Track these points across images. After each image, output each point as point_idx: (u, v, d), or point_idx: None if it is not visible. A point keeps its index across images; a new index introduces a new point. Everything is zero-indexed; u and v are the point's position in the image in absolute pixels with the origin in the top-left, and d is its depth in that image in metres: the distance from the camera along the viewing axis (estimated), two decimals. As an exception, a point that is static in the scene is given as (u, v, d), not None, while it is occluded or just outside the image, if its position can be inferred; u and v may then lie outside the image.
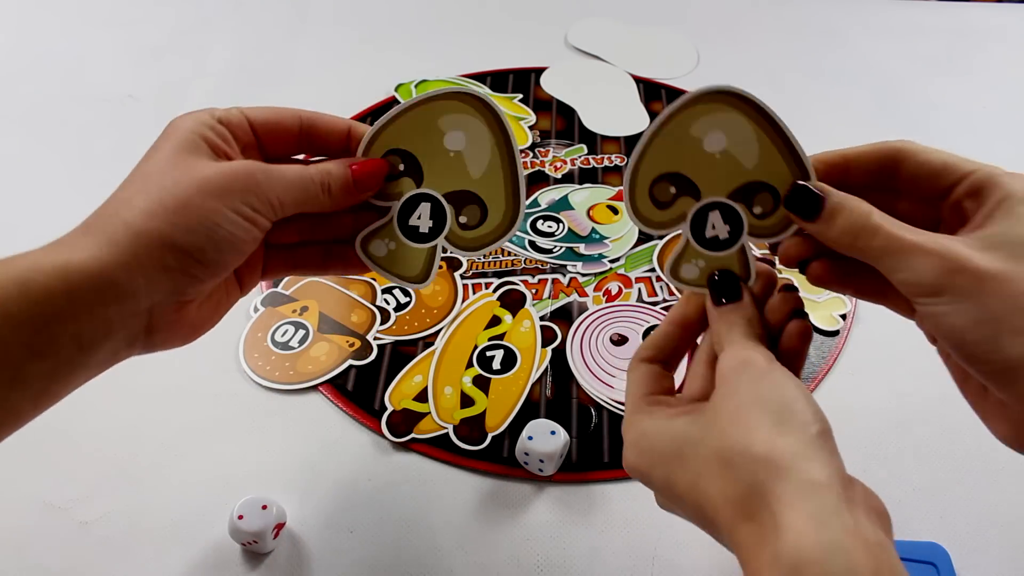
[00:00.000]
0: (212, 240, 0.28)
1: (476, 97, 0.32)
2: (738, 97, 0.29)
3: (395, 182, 0.33)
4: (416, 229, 0.33)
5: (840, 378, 0.47)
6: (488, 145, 0.32)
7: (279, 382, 0.45)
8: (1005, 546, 0.39)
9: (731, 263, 0.31)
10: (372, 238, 0.33)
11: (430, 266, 0.33)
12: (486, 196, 0.33)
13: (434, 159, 0.33)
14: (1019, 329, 0.25)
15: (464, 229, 0.33)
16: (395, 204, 0.33)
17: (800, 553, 0.22)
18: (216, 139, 0.30)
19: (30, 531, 0.38)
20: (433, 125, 0.32)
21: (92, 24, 0.74)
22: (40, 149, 0.61)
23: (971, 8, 0.83)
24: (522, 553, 0.38)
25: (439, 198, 0.33)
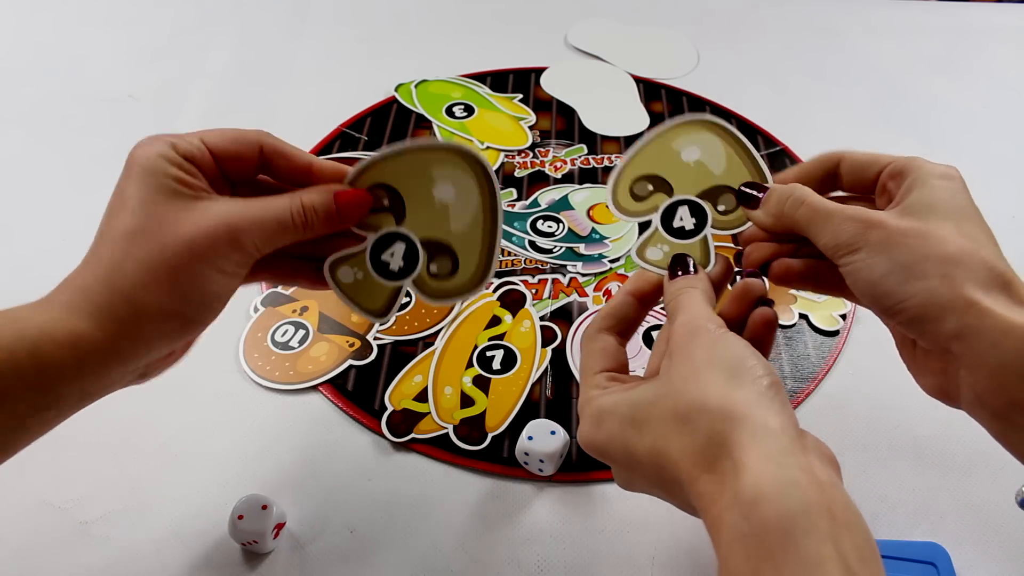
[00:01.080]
0: (203, 302, 0.30)
1: (476, 159, 0.32)
2: (716, 125, 0.34)
3: (376, 215, 0.33)
4: (387, 265, 0.33)
5: (840, 378, 0.47)
6: (475, 205, 0.33)
7: (279, 382, 0.45)
8: (1005, 546, 0.39)
9: (694, 251, 0.35)
10: (342, 263, 0.33)
11: (392, 303, 0.34)
12: (461, 252, 0.34)
13: (420, 204, 0.33)
14: (925, 274, 0.28)
15: (432, 277, 0.34)
16: (371, 236, 0.33)
17: (758, 489, 0.23)
18: (186, 176, 0.30)
19: (30, 531, 0.38)
20: (427, 172, 0.33)
21: (92, 24, 0.74)
22: (41, 148, 0.61)
23: (971, 8, 0.83)
24: (522, 553, 0.38)
25: (415, 241, 0.33)
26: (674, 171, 0.35)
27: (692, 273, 0.33)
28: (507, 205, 0.57)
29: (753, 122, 0.65)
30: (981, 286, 0.28)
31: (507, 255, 0.53)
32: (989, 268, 0.28)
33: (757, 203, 0.33)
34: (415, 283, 0.34)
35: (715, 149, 0.35)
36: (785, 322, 0.49)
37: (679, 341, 0.28)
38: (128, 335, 0.28)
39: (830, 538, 0.22)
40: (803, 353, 0.48)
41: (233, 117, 0.64)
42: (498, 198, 0.33)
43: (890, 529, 0.40)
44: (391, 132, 0.63)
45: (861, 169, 0.33)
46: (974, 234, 0.30)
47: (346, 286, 0.34)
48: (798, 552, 0.22)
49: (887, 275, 0.29)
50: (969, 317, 0.27)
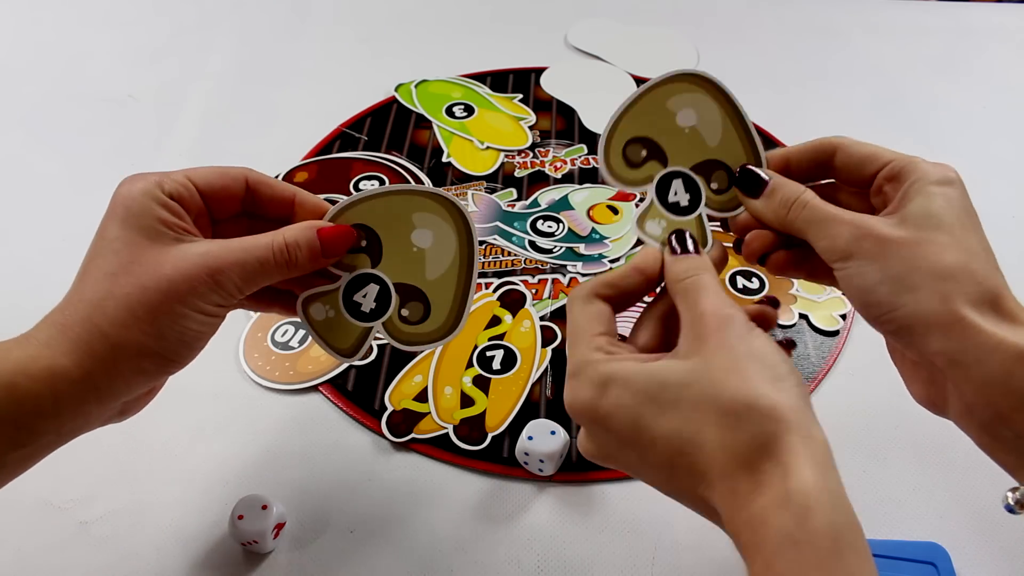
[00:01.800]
0: (183, 341, 0.30)
1: (458, 209, 0.33)
2: (712, 84, 0.34)
3: (352, 255, 0.33)
4: (358, 306, 0.34)
5: (840, 378, 0.47)
6: (452, 254, 0.33)
7: (279, 382, 0.45)
8: (1005, 546, 0.39)
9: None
10: (315, 300, 0.34)
11: (361, 344, 0.34)
12: (434, 299, 0.34)
13: (397, 247, 0.33)
14: (915, 287, 0.28)
15: (403, 322, 0.34)
16: (346, 276, 0.33)
17: (809, 496, 0.23)
18: (170, 217, 0.30)
19: (30, 531, 0.38)
20: (407, 216, 0.33)
21: (92, 25, 0.74)
22: (41, 148, 0.61)
23: (971, 8, 0.83)
24: (522, 553, 0.38)
25: (389, 285, 0.34)
26: (669, 137, 0.34)
27: (695, 253, 0.32)
28: (507, 205, 0.57)
29: (753, 122, 0.65)
30: (970, 302, 0.28)
31: (507, 255, 0.53)
32: (980, 283, 0.28)
33: (758, 193, 0.33)
34: (385, 326, 0.34)
35: (712, 116, 0.34)
36: (785, 322, 0.49)
37: (712, 326, 0.28)
38: (106, 372, 0.29)
39: (868, 558, 0.23)
40: (803, 353, 0.48)
41: (233, 117, 0.64)
42: (475, 249, 0.34)
43: (890, 529, 0.40)
44: (391, 132, 0.63)
45: (857, 165, 0.33)
46: (969, 245, 0.29)
47: (318, 323, 0.34)
48: (845, 566, 0.22)
49: (878, 284, 0.29)
50: (955, 333, 0.27)
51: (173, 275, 0.29)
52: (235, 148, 0.61)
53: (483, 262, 0.53)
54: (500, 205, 0.57)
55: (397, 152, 0.61)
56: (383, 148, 0.62)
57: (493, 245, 0.54)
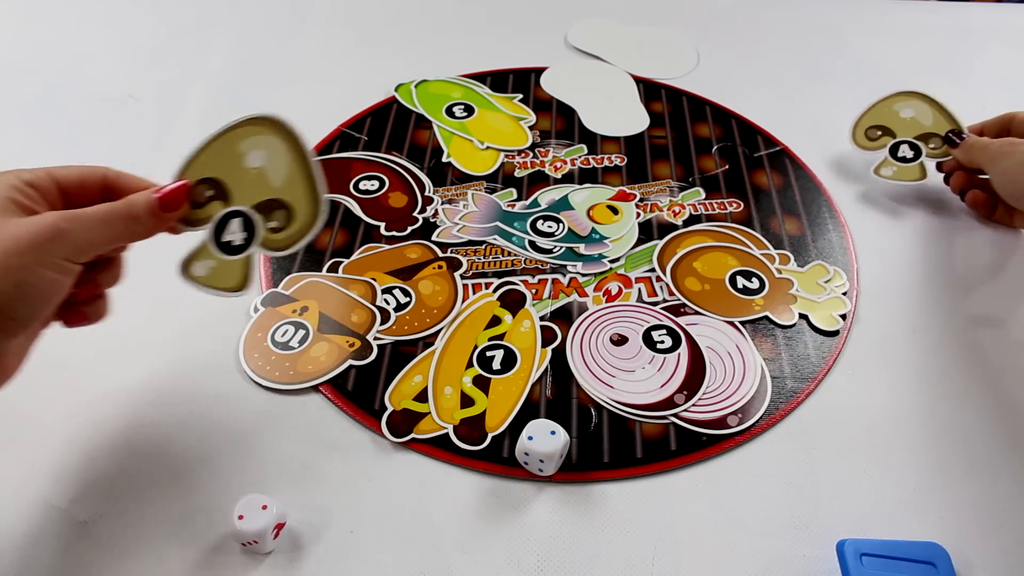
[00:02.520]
0: (23, 296, 0.31)
1: (267, 118, 0.36)
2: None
3: (204, 208, 0.36)
4: (230, 243, 0.36)
5: (840, 378, 0.47)
6: (285, 156, 0.36)
7: (279, 382, 0.45)
8: (1005, 546, 0.39)
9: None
10: (192, 261, 0.37)
11: (247, 274, 0.37)
12: (290, 199, 0.37)
13: (239, 179, 0.36)
14: None
15: (275, 232, 0.37)
16: (209, 226, 0.36)
17: None
18: (24, 200, 0.33)
19: (29, 531, 0.38)
20: (233, 150, 0.36)
21: (92, 24, 0.74)
22: (41, 148, 0.61)
23: (971, 8, 0.83)
24: (522, 553, 0.38)
25: (247, 211, 0.36)
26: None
27: None
28: (507, 205, 0.57)
29: (753, 122, 0.65)
30: None
31: (507, 255, 0.53)
32: None
33: (956, 145, 0.56)
34: (263, 245, 0.37)
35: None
36: (785, 322, 0.49)
37: None
38: None
39: None
40: (803, 353, 0.48)
41: (232, 117, 0.64)
42: (301, 141, 0.36)
43: (890, 529, 0.40)
44: (391, 132, 0.63)
45: None
46: None
47: (202, 278, 0.37)
48: None
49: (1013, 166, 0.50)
50: None
51: (17, 232, 0.31)
52: (235, 148, 0.61)
53: (483, 262, 0.53)
54: (500, 205, 0.57)
55: (397, 152, 0.61)
56: (383, 148, 0.62)
57: (493, 245, 0.54)
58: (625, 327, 0.49)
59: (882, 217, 0.58)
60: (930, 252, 0.55)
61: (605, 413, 0.44)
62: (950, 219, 0.58)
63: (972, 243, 0.56)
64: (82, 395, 0.44)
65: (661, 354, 0.47)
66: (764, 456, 0.43)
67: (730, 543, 0.39)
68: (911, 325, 0.50)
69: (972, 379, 0.47)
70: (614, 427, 0.44)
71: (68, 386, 0.45)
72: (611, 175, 0.60)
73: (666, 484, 0.41)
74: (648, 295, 0.51)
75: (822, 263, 0.53)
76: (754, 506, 0.41)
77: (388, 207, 0.56)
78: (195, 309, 0.49)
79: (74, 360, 0.46)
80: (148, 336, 0.47)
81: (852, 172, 0.61)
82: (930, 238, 0.56)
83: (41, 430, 0.43)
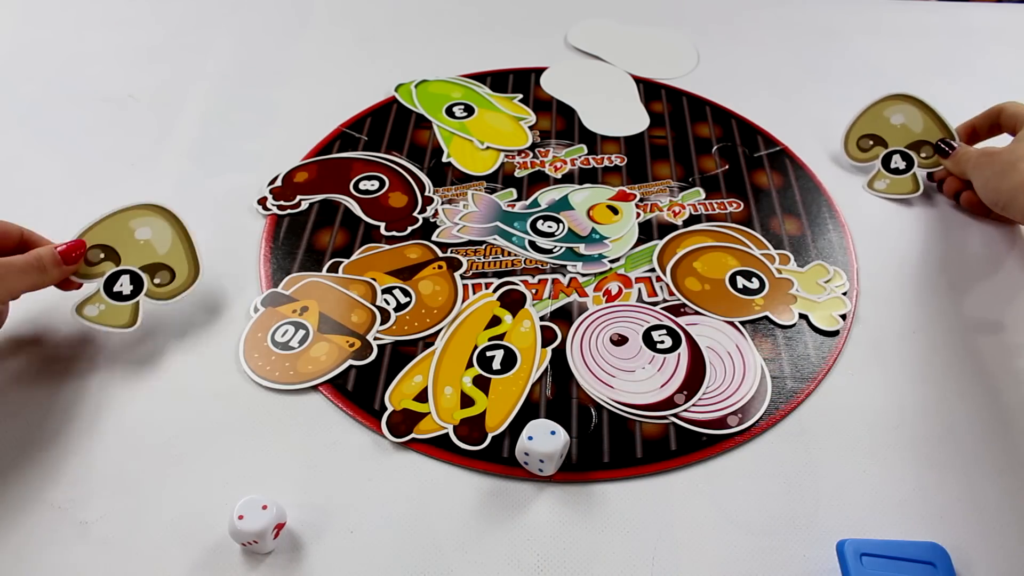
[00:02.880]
0: None
1: (151, 205, 0.48)
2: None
3: (97, 266, 0.46)
4: (120, 293, 0.46)
5: (840, 378, 0.47)
6: (168, 232, 0.48)
7: (279, 382, 0.45)
8: (1005, 546, 0.39)
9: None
10: (84, 304, 0.45)
11: (135, 316, 0.46)
12: (172, 263, 0.47)
13: (129, 246, 0.47)
14: (1008, 171, 0.51)
15: (159, 287, 0.46)
16: (100, 279, 0.46)
17: None
18: None
19: (30, 531, 0.38)
20: (124, 225, 0.47)
21: (92, 24, 0.74)
22: (41, 148, 0.61)
23: (972, 8, 0.83)
24: (522, 553, 0.38)
25: (136, 270, 0.46)
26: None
27: None
28: (507, 205, 0.57)
29: (753, 122, 0.65)
30: None
31: (507, 255, 0.53)
32: None
33: (947, 155, 0.57)
34: (148, 295, 0.46)
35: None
36: (785, 322, 0.49)
37: None
38: None
39: None
40: (803, 353, 0.48)
41: (232, 117, 0.64)
42: (180, 219, 0.48)
43: (890, 529, 0.40)
44: (391, 132, 0.63)
45: (1011, 119, 0.54)
46: None
47: (93, 318, 0.45)
48: None
49: (991, 177, 0.52)
50: None
51: None
52: (235, 148, 0.61)
53: (483, 262, 0.53)
54: (500, 205, 0.57)
55: (397, 152, 0.61)
56: (383, 148, 0.62)
57: (493, 245, 0.54)
58: (625, 327, 0.49)
59: (882, 217, 0.58)
60: (930, 252, 0.55)
61: (605, 413, 0.44)
62: (950, 219, 0.58)
63: (972, 243, 0.56)
64: (82, 395, 0.44)
65: (661, 354, 0.47)
66: (764, 456, 0.43)
67: (730, 543, 0.39)
68: (911, 325, 0.50)
69: (972, 379, 0.47)
70: (614, 427, 0.44)
71: (68, 386, 0.45)
72: (611, 175, 0.60)
73: (666, 484, 0.41)
74: (648, 295, 0.51)
75: (822, 263, 0.53)
76: (754, 506, 0.41)
77: (388, 207, 0.56)
78: (195, 311, 0.49)
79: (74, 361, 0.46)
80: (148, 337, 0.47)
81: (852, 172, 0.61)
82: (930, 238, 0.56)
83: (41, 430, 0.43)
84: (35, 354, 0.46)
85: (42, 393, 0.44)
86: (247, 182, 0.58)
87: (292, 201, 0.56)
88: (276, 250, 0.53)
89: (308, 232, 0.54)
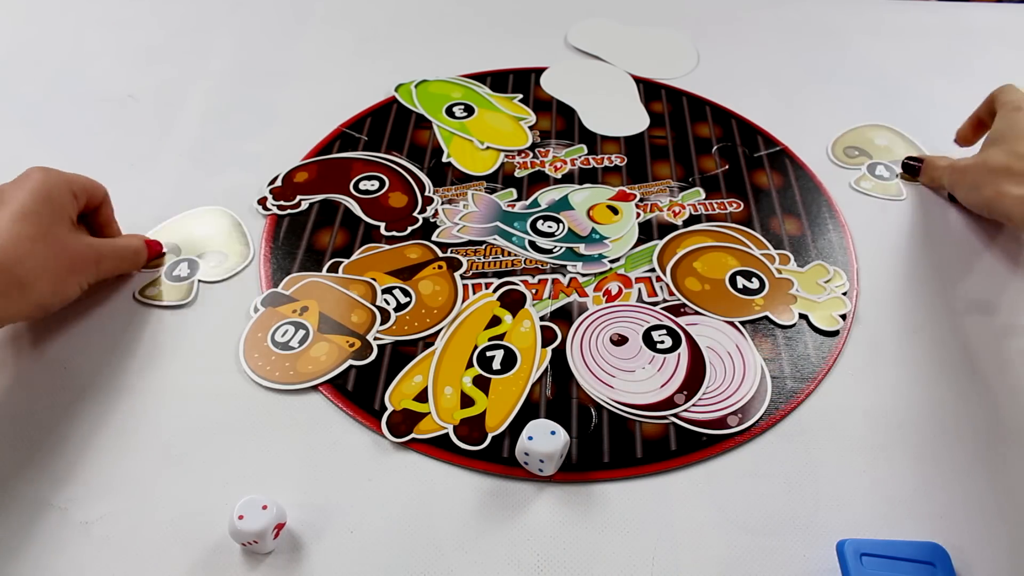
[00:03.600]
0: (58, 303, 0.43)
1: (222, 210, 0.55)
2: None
3: (162, 257, 0.52)
4: (180, 276, 0.51)
5: (840, 378, 0.47)
6: (225, 224, 0.55)
7: (279, 382, 0.45)
8: (1005, 546, 0.39)
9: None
10: (146, 288, 0.50)
11: (191, 292, 0.50)
12: (226, 249, 0.53)
13: (189, 240, 0.53)
14: (980, 184, 0.52)
15: (213, 268, 0.51)
16: (162, 268, 0.51)
17: None
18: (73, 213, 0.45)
19: (29, 531, 0.39)
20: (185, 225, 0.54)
21: (92, 24, 0.74)
22: (41, 148, 0.61)
23: (972, 8, 0.83)
24: (522, 553, 0.38)
25: (195, 258, 0.52)
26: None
27: None
28: (507, 205, 0.57)
29: (753, 122, 0.65)
30: (1014, 183, 0.49)
31: (507, 255, 0.53)
32: (1017, 172, 0.49)
33: (917, 173, 0.60)
34: (200, 280, 0.51)
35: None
36: (785, 322, 0.49)
37: None
38: None
39: None
40: (803, 353, 0.48)
41: (233, 117, 0.64)
42: (236, 218, 0.55)
43: (890, 529, 0.40)
44: (391, 132, 0.63)
45: (999, 106, 0.54)
46: (1015, 149, 0.50)
47: (153, 295, 0.49)
48: None
49: (968, 192, 0.54)
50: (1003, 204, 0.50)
51: (74, 255, 0.43)
52: (235, 148, 0.61)
53: (483, 262, 0.53)
54: (500, 205, 0.57)
55: (397, 152, 0.61)
56: (383, 148, 0.62)
57: (493, 245, 0.54)
58: (625, 327, 0.49)
59: (882, 217, 0.58)
60: (930, 252, 0.55)
61: (605, 413, 0.44)
62: (950, 220, 0.58)
63: (972, 243, 0.56)
64: (82, 395, 0.44)
65: (661, 354, 0.47)
66: (764, 456, 0.43)
67: (730, 543, 0.39)
68: (911, 325, 0.50)
69: (972, 379, 0.47)
70: (614, 427, 0.44)
71: (68, 386, 0.45)
72: (611, 175, 0.60)
73: (666, 484, 0.41)
74: (648, 295, 0.51)
75: (822, 263, 0.53)
76: (754, 506, 0.41)
77: (388, 207, 0.56)
78: (195, 310, 0.49)
79: (74, 360, 0.46)
80: (148, 338, 0.47)
81: (852, 172, 0.61)
82: (930, 238, 0.56)
83: (41, 430, 0.43)
84: (35, 355, 0.46)
85: (43, 393, 0.44)
86: (247, 182, 0.58)
87: (292, 201, 0.56)
88: (276, 250, 0.53)
89: (308, 232, 0.54)
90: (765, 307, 0.50)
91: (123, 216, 0.50)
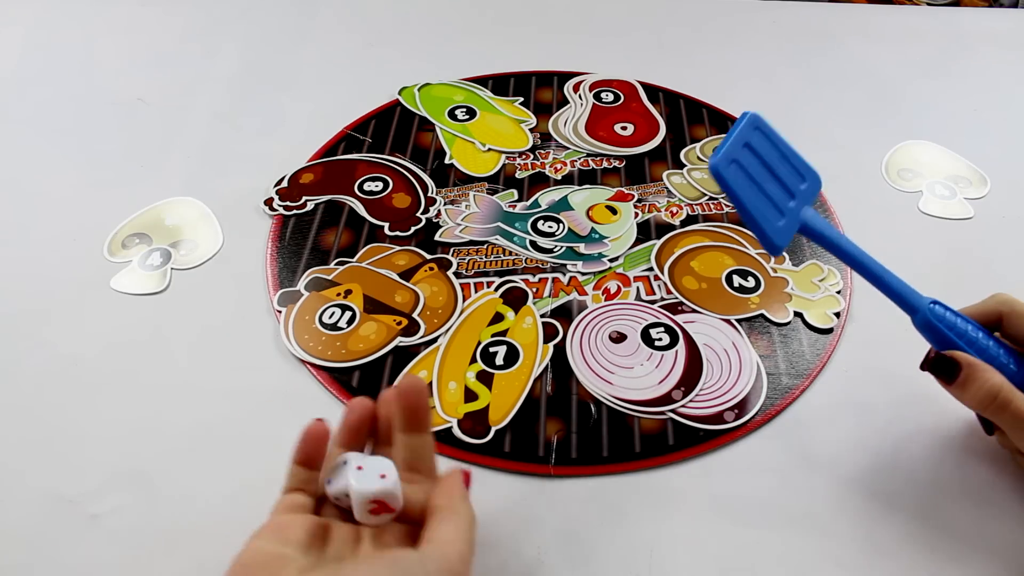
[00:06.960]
0: None
1: None
2: None
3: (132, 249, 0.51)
4: (153, 264, 0.49)
5: (834, 375, 0.48)
6: None
7: (331, 360, 0.46)
8: (1004, 545, 0.40)
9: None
10: None
11: (166, 280, 0.49)
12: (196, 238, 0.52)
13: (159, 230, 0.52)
14: None
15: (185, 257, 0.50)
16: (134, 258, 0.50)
17: None
18: None
19: (40, 524, 0.39)
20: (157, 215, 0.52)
21: (102, 28, 0.75)
22: (52, 152, 0.62)
23: (963, 12, 0.84)
24: (522, 546, 0.39)
25: (168, 247, 0.50)
26: None
27: None
28: (508, 206, 0.58)
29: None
30: None
31: (508, 254, 0.54)
32: None
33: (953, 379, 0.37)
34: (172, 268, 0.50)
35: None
36: (780, 320, 0.50)
37: None
38: None
39: None
40: (798, 350, 0.49)
41: (240, 120, 0.65)
42: None
43: (890, 529, 0.41)
44: (395, 134, 0.64)
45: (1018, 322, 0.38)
46: None
47: None
48: None
49: None
50: None
51: None
52: (243, 150, 0.62)
53: (485, 261, 0.54)
54: (501, 206, 0.58)
55: (401, 154, 0.62)
56: (387, 150, 0.62)
57: (494, 245, 0.55)
58: (624, 325, 0.50)
59: (876, 216, 0.58)
60: (922, 250, 0.56)
61: (604, 409, 0.45)
62: (943, 218, 0.59)
63: (967, 241, 0.57)
64: (94, 389, 0.45)
65: (659, 351, 0.48)
66: (760, 451, 0.44)
67: (727, 536, 0.40)
68: (903, 322, 0.51)
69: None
70: (613, 422, 0.44)
71: (80, 380, 0.45)
72: (610, 176, 0.61)
73: (664, 478, 0.42)
74: (646, 293, 0.52)
75: (816, 262, 0.54)
76: (750, 500, 0.41)
77: (392, 207, 0.57)
78: (202, 308, 0.50)
79: (86, 355, 0.47)
80: (156, 335, 0.48)
81: (846, 172, 0.62)
82: (924, 236, 0.57)
83: (52, 423, 0.43)
84: (47, 349, 0.47)
85: (54, 388, 0.45)
86: (254, 183, 0.59)
87: (298, 202, 0.57)
88: (282, 249, 0.54)
89: (314, 232, 0.55)
90: (761, 305, 0.51)
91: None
